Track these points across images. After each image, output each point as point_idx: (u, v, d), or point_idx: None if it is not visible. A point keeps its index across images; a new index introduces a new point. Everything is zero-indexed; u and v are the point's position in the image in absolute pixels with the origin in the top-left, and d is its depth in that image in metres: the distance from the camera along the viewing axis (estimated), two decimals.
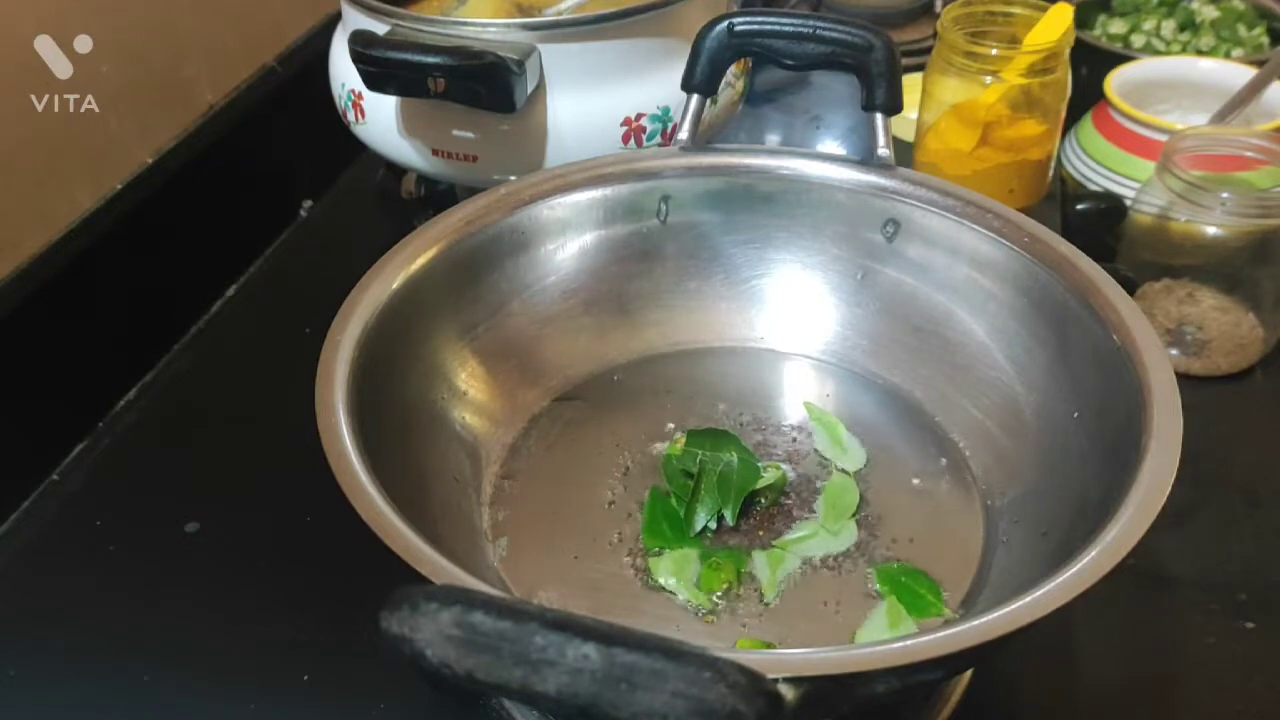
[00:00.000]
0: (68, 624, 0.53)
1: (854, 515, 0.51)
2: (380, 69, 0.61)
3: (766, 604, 0.48)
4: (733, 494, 0.51)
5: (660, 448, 0.55)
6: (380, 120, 0.68)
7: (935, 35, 0.72)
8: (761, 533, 0.51)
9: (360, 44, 0.60)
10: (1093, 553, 0.37)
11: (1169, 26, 0.88)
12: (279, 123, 0.79)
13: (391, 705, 0.49)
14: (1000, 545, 0.49)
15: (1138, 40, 0.89)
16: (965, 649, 0.35)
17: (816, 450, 0.55)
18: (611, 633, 0.27)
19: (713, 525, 0.50)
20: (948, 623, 0.45)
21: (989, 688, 0.49)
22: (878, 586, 0.48)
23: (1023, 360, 0.53)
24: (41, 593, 0.55)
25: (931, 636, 0.35)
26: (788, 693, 0.30)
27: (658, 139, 0.66)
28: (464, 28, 0.62)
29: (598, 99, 0.65)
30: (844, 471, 0.53)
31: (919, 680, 0.39)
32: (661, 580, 0.48)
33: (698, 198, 0.59)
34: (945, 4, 0.76)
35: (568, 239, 0.58)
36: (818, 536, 0.50)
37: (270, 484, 0.60)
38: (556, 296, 0.58)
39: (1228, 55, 0.86)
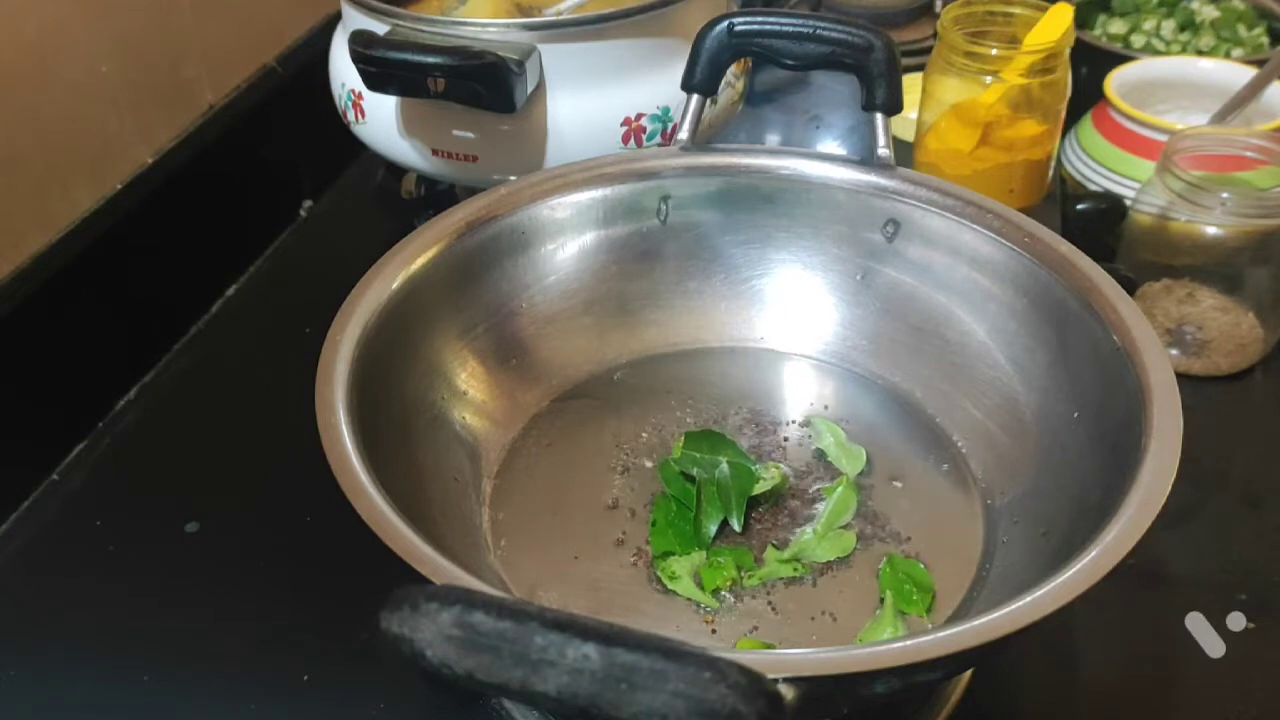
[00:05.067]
0: (68, 624, 0.53)
1: (854, 516, 0.51)
2: (380, 69, 0.61)
3: (767, 604, 0.48)
4: (733, 501, 0.51)
5: (660, 448, 0.55)
6: (380, 120, 0.68)
7: (935, 35, 0.72)
8: (763, 534, 0.51)
9: (360, 44, 0.60)
10: (1093, 553, 0.37)
11: (1169, 26, 0.88)
12: (279, 123, 0.79)
13: (391, 705, 0.49)
14: (1000, 545, 0.49)
15: (1138, 40, 0.89)
16: (965, 649, 0.35)
17: (817, 450, 0.55)
18: (611, 633, 0.27)
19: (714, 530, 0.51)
20: (946, 623, 0.45)
21: (989, 688, 0.49)
22: (879, 584, 0.48)
23: (1023, 360, 0.53)
24: (41, 593, 0.55)
25: (931, 636, 0.35)
26: (788, 693, 0.30)
27: (658, 139, 0.66)
28: (464, 28, 0.62)
29: (598, 99, 0.65)
30: (844, 473, 0.53)
31: (919, 680, 0.39)
32: (667, 581, 0.48)
33: (698, 198, 0.59)
34: (945, 4, 0.76)
35: (568, 239, 0.58)
36: (819, 537, 0.50)
37: (270, 484, 0.60)
38: (556, 296, 0.58)
39: (1228, 55, 0.85)
